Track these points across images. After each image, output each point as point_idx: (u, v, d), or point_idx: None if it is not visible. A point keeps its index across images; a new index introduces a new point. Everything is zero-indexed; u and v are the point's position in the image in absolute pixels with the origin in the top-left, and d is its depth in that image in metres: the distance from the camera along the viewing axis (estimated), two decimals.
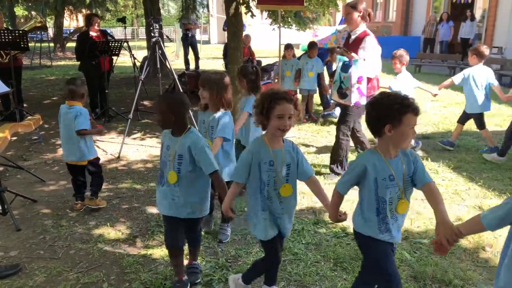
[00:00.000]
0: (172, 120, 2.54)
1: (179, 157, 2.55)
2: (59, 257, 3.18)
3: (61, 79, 12.90)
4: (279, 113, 2.25)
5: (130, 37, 28.45)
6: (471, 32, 14.54)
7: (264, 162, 2.34)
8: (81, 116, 3.76)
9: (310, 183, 2.48)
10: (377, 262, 2.21)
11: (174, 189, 2.60)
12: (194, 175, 2.59)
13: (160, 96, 2.78)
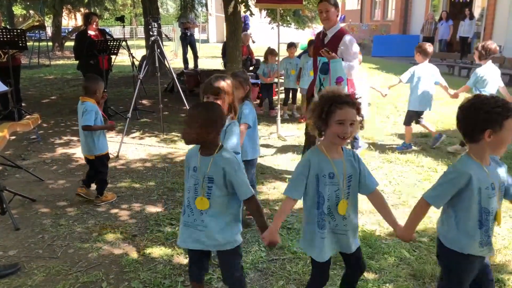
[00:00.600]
0: (207, 137, 2.19)
1: (210, 180, 2.19)
2: (58, 257, 3.17)
3: (59, 78, 12.89)
4: (340, 118, 2.04)
5: (128, 36, 28.44)
6: (470, 30, 14.56)
7: (323, 174, 2.11)
8: (87, 112, 3.85)
9: (373, 198, 2.23)
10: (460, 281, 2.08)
11: (202, 217, 2.23)
12: (226, 199, 2.24)
13: (197, 106, 2.32)
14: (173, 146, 5.95)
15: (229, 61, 6.73)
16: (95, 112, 3.88)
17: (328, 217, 2.15)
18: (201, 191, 2.21)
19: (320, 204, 2.14)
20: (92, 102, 3.92)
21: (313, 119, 2.14)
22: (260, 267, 3.02)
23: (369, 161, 5.19)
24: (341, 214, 2.15)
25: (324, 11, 4.29)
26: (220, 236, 2.23)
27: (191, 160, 2.30)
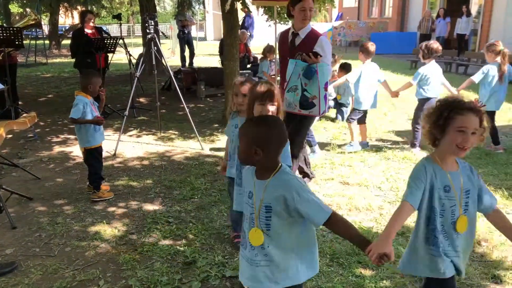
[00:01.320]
0: (265, 157, 1.83)
1: (267, 209, 1.83)
2: (55, 255, 3.17)
3: (56, 76, 12.85)
4: (461, 125, 1.82)
5: (125, 34, 28.36)
6: (467, 27, 14.58)
7: (438, 187, 1.91)
8: (74, 105, 3.91)
9: (494, 216, 2.01)
10: None
11: (260, 253, 1.87)
12: (288, 231, 1.87)
13: (257, 122, 1.94)
14: (171, 144, 5.95)
15: (226, 59, 6.71)
16: (83, 105, 3.91)
17: (441, 235, 1.93)
18: (256, 222, 1.86)
19: (431, 220, 1.94)
20: (83, 96, 3.97)
21: (428, 126, 1.93)
22: None
23: (366, 158, 5.20)
24: (459, 232, 1.94)
25: (309, 9, 3.83)
26: (285, 276, 1.89)
27: (247, 183, 1.96)
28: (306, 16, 3.84)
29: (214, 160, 5.21)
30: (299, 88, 3.80)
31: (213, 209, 3.89)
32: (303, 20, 3.85)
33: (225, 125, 6.68)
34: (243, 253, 1.97)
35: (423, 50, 5.24)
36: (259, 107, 2.50)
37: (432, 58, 5.24)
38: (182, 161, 5.22)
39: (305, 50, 3.77)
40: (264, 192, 1.84)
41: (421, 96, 5.32)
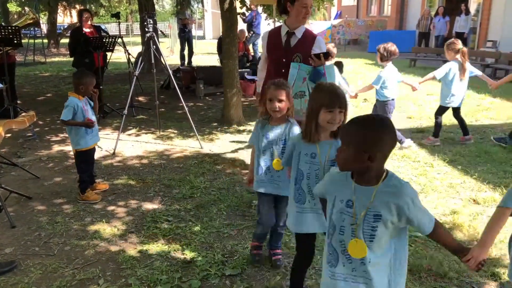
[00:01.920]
0: (373, 161, 1.63)
1: (375, 217, 1.66)
2: (55, 254, 3.17)
3: (55, 75, 12.83)
4: None
5: (124, 32, 28.30)
6: (466, 26, 14.58)
7: None
8: (65, 107, 3.88)
9: None
10: None
11: (359, 268, 1.71)
12: (389, 243, 1.72)
13: (363, 123, 1.69)
14: (170, 142, 5.95)
15: (225, 58, 6.70)
16: (75, 107, 3.86)
17: None
18: (357, 232, 1.68)
19: None
20: (75, 97, 3.92)
21: None
22: None
23: None
24: None
25: (309, 7, 3.54)
26: None
27: (338, 191, 1.76)
28: (308, 13, 3.55)
29: (213, 159, 5.21)
30: (307, 93, 3.47)
31: (212, 207, 3.89)
32: (303, 18, 3.55)
33: (224, 124, 6.76)
34: (329, 272, 1.78)
35: (382, 53, 5.27)
36: (327, 115, 2.15)
37: (389, 60, 5.29)
38: (181, 160, 5.22)
39: (303, 51, 3.51)
40: (373, 200, 1.66)
41: (383, 98, 5.35)
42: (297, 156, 2.31)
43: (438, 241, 1.83)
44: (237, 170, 4.84)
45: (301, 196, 2.32)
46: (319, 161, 2.24)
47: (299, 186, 2.32)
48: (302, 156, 2.29)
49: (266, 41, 3.72)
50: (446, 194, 4.12)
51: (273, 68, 3.68)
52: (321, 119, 2.17)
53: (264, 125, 2.76)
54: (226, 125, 6.75)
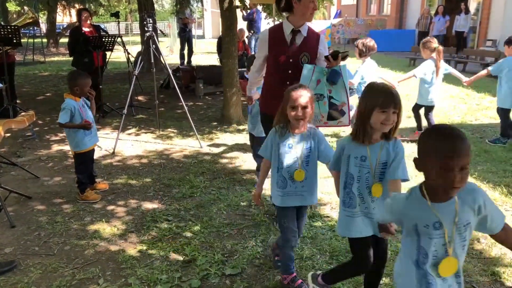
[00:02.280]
0: None
1: (465, 227, 1.65)
2: (54, 254, 3.16)
3: (54, 75, 12.82)
4: None
5: (124, 32, 28.29)
6: (466, 25, 14.57)
7: None
8: (62, 110, 3.86)
9: None
10: None
11: (454, 282, 1.71)
12: None
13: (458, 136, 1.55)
14: (169, 142, 5.94)
15: (224, 57, 6.70)
16: (72, 110, 3.83)
17: None
18: (451, 251, 1.66)
19: None
20: (71, 98, 3.89)
21: None
22: (257, 262, 3.02)
23: None
24: None
25: (316, 2, 3.25)
26: None
27: (418, 214, 1.66)
28: (315, 9, 3.26)
29: (213, 158, 5.21)
30: (326, 96, 3.26)
31: (212, 207, 3.89)
32: (310, 14, 3.23)
33: (224, 123, 6.76)
34: None
35: (361, 48, 5.31)
36: (380, 115, 2.05)
37: (368, 55, 5.34)
38: (181, 159, 5.21)
39: (309, 50, 3.27)
40: (459, 213, 1.61)
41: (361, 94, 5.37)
42: (346, 160, 2.22)
43: (506, 240, 1.72)
44: (237, 169, 4.84)
45: (352, 201, 2.23)
46: (369, 164, 2.16)
47: (349, 190, 2.22)
48: (352, 159, 2.19)
49: (267, 40, 3.30)
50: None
51: (277, 70, 3.30)
52: (373, 120, 2.07)
53: (285, 134, 2.55)
54: (226, 124, 6.74)
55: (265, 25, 12.86)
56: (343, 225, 2.30)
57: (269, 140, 2.63)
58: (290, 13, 3.25)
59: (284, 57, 3.26)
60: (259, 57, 3.43)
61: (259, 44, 3.40)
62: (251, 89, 3.76)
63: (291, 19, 3.26)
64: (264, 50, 3.33)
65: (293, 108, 2.46)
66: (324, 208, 3.86)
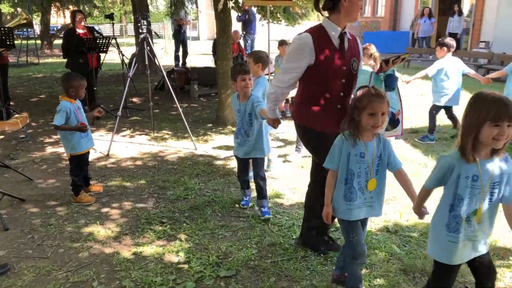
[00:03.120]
0: None
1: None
2: (48, 256, 3.15)
3: (48, 76, 12.77)
4: None
5: (118, 33, 28.26)
6: (459, 27, 14.67)
7: None
8: (57, 112, 3.83)
9: None
10: None
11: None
12: None
13: None
14: (164, 144, 5.93)
15: (219, 59, 6.70)
16: (67, 112, 3.82)
17: None
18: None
19: None
20: (67, 100, 3.88)
21: None
22: (252, 264, 3.02)
23: None
24: None
25: None
26: None
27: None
28: (361, 8, 3.02)
29: (207, 160, 5.20)
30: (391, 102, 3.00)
31: (207, 209, 3.88)
32: (357, 12, 2.83)
33: (218, 124, 6.76)
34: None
35: None
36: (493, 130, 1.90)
37: None
38: (176, 161, 5.21)
39: (356, 55, 2.91)
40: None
41: None
42: (455, 180, 2.02)
43: None
44: (232, 171, 4.84)
45: (458, 225, 2.05)
46: (481, 185, 1.99)
47: (457, 214, 2.06)
48: (462, 179, 2.01)
49: (312, 46, 2.73)
50: (440, 194, 4.12)
51: (328, 80, 2.79)
52: (484, 135, 1.89)
53: (355, 142, 2.37)
54: (221, 126, 6.74)
55: (260, 26, 12.92)
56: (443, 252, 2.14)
57: (336, 150, 2.43)
58: (334, 12, 2.76)
59: (337, 65, 2.78)
60: (296, 68, 2.81)
61: (297, 52, 2.78)
62: (275, 109, 3.12)
63: (335, 19, 2.77)
64: (307, 59, 2.75)
65: (371, 115, 2.28)
66: None
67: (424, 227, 3.46)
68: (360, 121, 2.32)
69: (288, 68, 2.84)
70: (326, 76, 2.78)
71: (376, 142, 2.41)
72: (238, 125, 3.79)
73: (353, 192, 2.42)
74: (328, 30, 2.77)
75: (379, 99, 2.28)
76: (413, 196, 2.33)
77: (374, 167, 2.41)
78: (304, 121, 2.91)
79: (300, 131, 3.04)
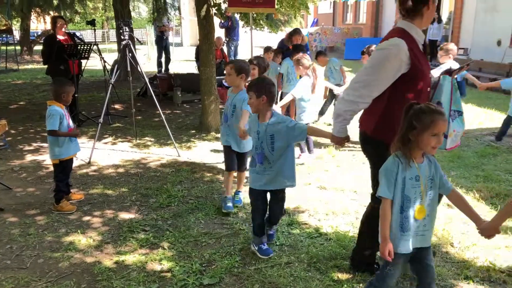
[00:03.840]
0: None
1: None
2: (27, 267, 3.08)
3: (28, 83, 12.57)
4: None
5: (100, 39, 28.01)
6: (439, 33, 14.95)
7: None
8: (51, 117, 3.81)
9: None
10: None
11: None
12: None
13: None
14: (146, 151, 5.88)
15: (202, 65, 6.70)
16: (60, 117, 3.82)
17: None
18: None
19: None
20: (57, 105, 3.88)
21: None
22: (236, 271, 3.01)
23: (341, 163, 5.26)
24: None
25: None
26: None
27: None
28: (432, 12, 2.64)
29: (191, 167, 5.18)
30: (462, 111, 2.85)
31: (190, 216, 3.86)
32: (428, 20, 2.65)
33: (202, 131, 6.73)
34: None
35: None
36: None
37: None
38: (158, 168, 5.17)
39: None
40: None
41: None
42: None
43: None
44: (215, 178, 4.83)
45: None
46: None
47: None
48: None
49: (408, 53, 2.47)
50: None
51: (420, 90, 2.56)
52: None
53: (409, 164, 2.19)
54: (204, 132, 6.73)
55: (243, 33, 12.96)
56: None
57: (392, 175, 2.20)
58: (416, 16, 2.58)
59: (426, 72, 2.59)
60: (386, 78, 2.51)
61: (391, 60, 2.48)
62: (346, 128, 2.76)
63: (418, 24, 2.60)
64: (402, 67, 2.48)
65: (434, 136, 2.11)
66: (302, 215, 3.88)
67: None
68: (418, 141, 2.13)
69: (376, 80, 2.51)
70: (418, 85, 2.55)
71: (428, 163, 2.25)
72: None
73: (408, 220, 2.22)
74: (415, 36, 2.57)
75: (443, 117, 2.13)
76: (476, 216, 2.25)
77: (428, 190, 2.23)
78: (387, 138, 2.42)
79: (378, 149, 2.60)
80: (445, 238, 3.42)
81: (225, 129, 3.98)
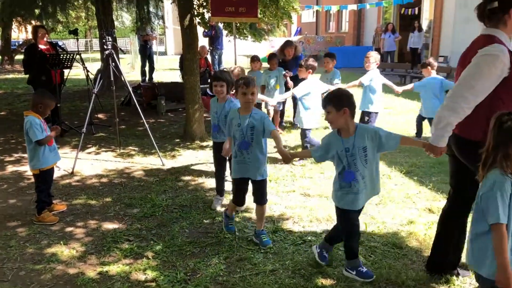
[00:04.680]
0: None
1: None
2: (9, 280, 3.03)
3: (9, 93, 12.40)
4: None
5: (83, 49, 27.78)
6: (419, 42, 15.24)
7: None
8: (32, 127, 3.79)
9: None
10: None
11: None
12: None
13: None
14: (130, 160, 5.85)
15: (186, 74, 6.71)
16: (40, 125, 3.83)
17: None
18: None
19: None
20: (34, 116, 3.86)
21: None
22: (220, 280, 3.01)
23: (325, 170, 5.30)
24: None
25: None
26: None
27: None
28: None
29: (175, 176, 5.16)
30: None
31: (174, 225, 3.85)
32: None
33: (186, 140, 6.73)
34: None
35: None
36: None
37: None
38: (142, 178, 5.14)
39: None
40: None
41: None
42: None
43: None
44: (199, 186, 4.82)
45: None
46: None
47: None
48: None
49: (509, 58, 2.51)
50: (403, 204, 4.26)
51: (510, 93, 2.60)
52: None
53: None
54: (189, 141, 6.72)
55: (227, 42, 13.02)
56: None
57: (507, 196, 2.03)
58: (499, 24, 2.62)
59: None
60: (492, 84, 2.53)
61: (497, 65, 2.49)
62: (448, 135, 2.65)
63: (505, 31, 2.63)
64: (504, 72, 2.51)
65: None
66: (286, 222, 3.90)
67: (388, 237, 3.55)
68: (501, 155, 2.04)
69: (483, 85, 2.49)
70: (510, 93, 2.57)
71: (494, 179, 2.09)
72: None
73: None
74: (505, 43, 2.56)
75: None
76: None
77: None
78: (478, 136, 2.54)
79: (470, 147, 2.59)
80: (427, 243, 3.46)
81: (242, 158, 3.42)
